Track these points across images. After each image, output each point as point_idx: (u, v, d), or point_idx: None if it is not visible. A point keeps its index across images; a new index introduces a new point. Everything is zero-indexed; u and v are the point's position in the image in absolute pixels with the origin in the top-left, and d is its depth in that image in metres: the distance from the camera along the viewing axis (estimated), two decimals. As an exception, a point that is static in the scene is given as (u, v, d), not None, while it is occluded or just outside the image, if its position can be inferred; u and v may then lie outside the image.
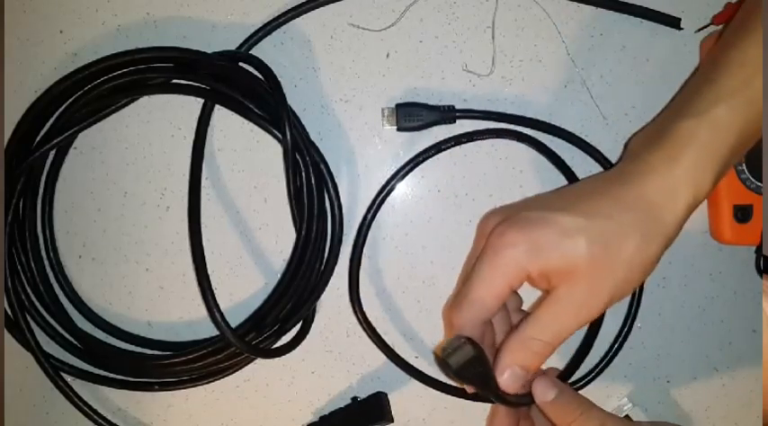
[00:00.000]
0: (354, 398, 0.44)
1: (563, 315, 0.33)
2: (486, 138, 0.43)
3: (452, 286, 0.44)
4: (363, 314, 0.43)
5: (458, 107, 0.44)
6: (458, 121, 0.44)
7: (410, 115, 0.43)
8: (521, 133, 0.43)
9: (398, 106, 0.43)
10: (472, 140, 0.43)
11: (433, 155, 0.43)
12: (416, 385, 0.44)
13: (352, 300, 0.43)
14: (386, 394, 0.44)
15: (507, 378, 0.33)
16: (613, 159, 0.44)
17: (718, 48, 0.35)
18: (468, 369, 0.32)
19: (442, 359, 0.33)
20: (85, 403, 0.43)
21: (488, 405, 0.43)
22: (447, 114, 0.43)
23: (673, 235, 0.33)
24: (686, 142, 0.32)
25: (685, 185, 0.32)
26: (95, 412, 0.43)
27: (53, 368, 0.42)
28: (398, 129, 0.44)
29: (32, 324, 0.42)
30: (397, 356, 0.44)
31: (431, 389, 0.44)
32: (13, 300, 0.41)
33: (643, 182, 0.33)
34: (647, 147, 0.34)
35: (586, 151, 0.44)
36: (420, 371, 0.44)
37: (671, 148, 0.32)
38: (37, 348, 0.42)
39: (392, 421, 0.44)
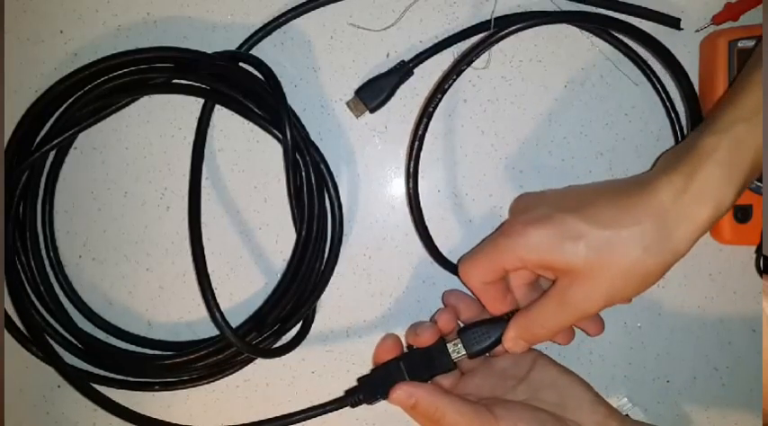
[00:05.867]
0: (410, 348, 0.41)
1: (560, 308, 0.36)
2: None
3: (452, 286, 0.44)
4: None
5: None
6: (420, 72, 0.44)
7: (372, 93, 0.43)
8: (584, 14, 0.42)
9: (357, 91, 0.43)
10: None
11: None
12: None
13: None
14: (444, 341, 0.40)
15: (512, 346, 0.38)
16: (613, 159, 0.44)
17: (744, 69, 0.36)
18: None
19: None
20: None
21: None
22: (403, 70, 0.43)
23: (682, 250, 0.33)
24: (706, 158, 0.32)
25: (704, 200, 0.32)
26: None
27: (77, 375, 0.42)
28: (372, 111, 0.43)
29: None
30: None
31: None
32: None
33: (656, 196, 0.33)
34: (669, 162, 0.34)
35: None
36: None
37: (690, 164, 0.33)
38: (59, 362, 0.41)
39: (455, 367, 0.40)
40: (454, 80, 0.42)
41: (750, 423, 0.45)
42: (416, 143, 0.42)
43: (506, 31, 0.41)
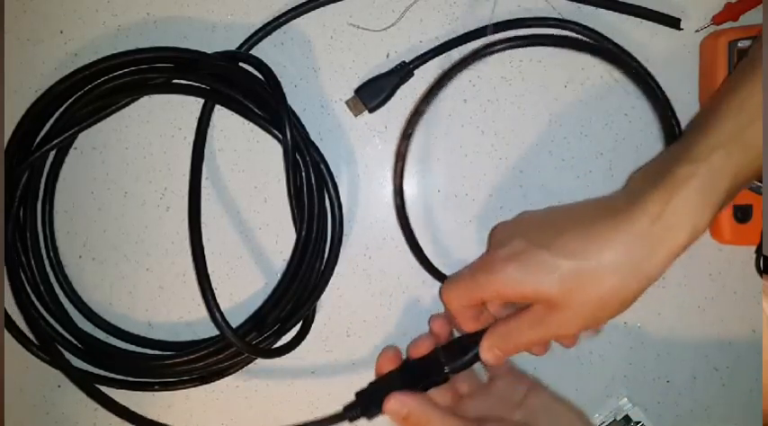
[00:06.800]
0: (406, 360, 0.41)
1: (536, 327, 0.36)
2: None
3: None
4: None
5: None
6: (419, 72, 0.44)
7: (372, 92, 0.43)
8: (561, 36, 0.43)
9: (357, 91, 0.43)
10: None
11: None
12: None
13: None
14: (440, 348, 0.40)
15: (487, 355, 0.38)
16: (613, 159, 0.44)
17: (720, 91, 0.35)
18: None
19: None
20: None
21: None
22: (403, 71, 0.43)
23: (657, 274, 0.33)
24: (682, 186, 0.32)
25: (679, 225, 0.32)
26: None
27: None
28: (371, 111, 0.44)
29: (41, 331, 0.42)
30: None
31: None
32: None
33: (632, 223, 0.33)
34: (643, 187, 0.34)
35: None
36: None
37: (666, 191, 0.33)
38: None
39: (448, 378, 0.40)
40: (430, 102, 0.42)
41: (750, 423, 0.45)
42: (400, 162, 0.42)
43: (486, 51, 0.42)
